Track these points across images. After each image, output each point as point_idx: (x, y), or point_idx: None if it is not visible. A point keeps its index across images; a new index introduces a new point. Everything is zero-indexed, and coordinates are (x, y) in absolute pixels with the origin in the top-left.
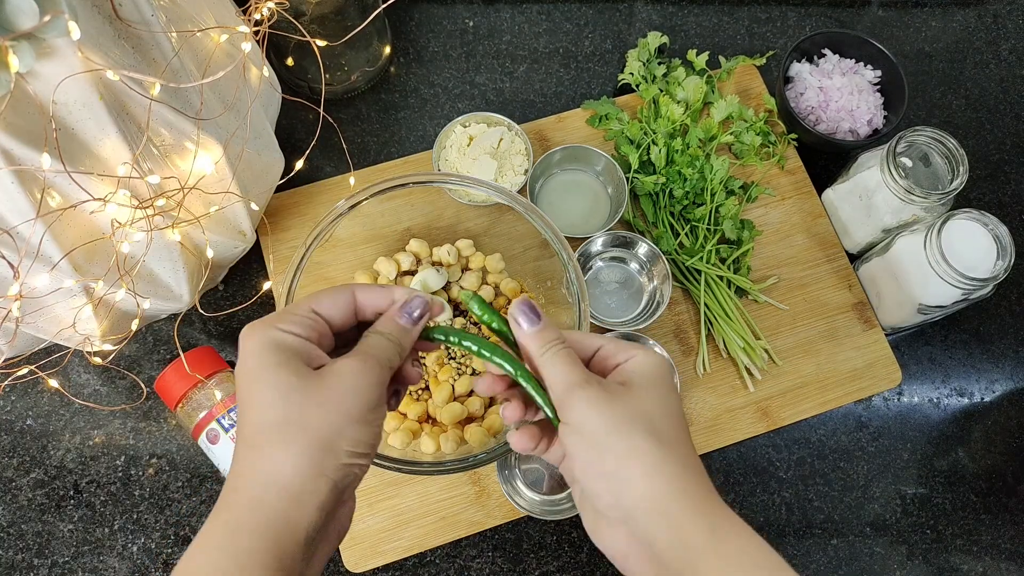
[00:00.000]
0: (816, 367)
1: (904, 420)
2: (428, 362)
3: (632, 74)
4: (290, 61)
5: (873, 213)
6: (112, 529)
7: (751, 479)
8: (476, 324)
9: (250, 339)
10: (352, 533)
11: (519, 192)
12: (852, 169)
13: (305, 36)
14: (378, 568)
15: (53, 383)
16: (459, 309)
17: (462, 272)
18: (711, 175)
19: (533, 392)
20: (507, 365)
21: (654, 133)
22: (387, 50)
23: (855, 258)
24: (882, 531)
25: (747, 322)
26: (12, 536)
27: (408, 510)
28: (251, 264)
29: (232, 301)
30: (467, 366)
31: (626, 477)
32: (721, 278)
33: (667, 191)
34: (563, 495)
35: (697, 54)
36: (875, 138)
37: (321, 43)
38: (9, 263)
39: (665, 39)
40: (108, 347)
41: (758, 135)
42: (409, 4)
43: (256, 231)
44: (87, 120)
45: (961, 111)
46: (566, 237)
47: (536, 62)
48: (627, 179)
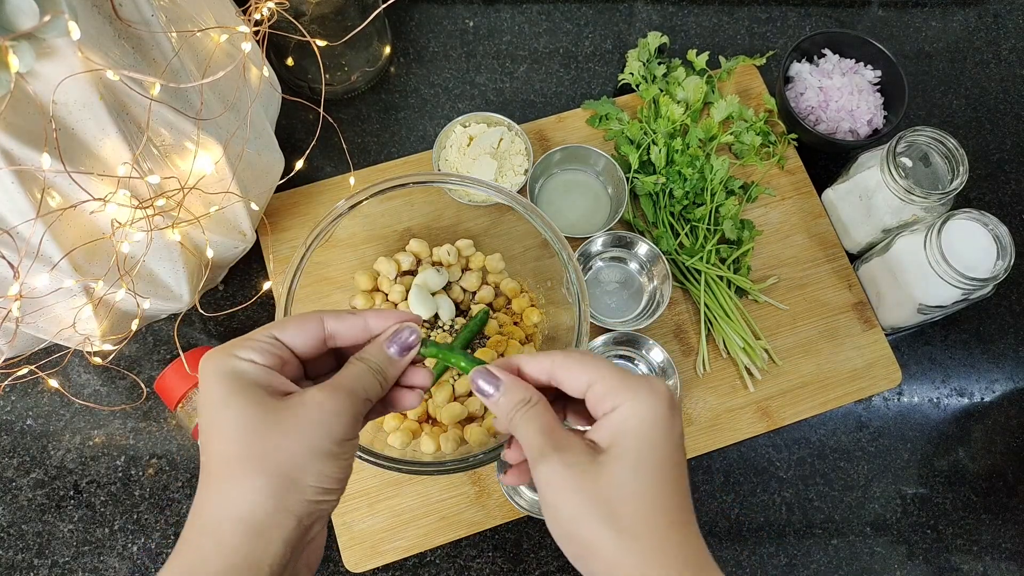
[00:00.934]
0: (816, 367)
1: (904, 420)
2: (427, 362)
3: (632, 74)
4: (290, 61)
5: (873, 213)
6: (112, 529)
7: (751, 479)
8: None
9: (208, 368)
10: (352, 533)
11: (519, 192)
12: (852, 169)
13: (305, 36)
14: (378, 568)
15: (53, 383)
16: (459, 308)
17: (462, 272)
18: (711, 175)
19: None
20: None
21: (654, 133)
22: (387, 50)
23: (855, 258)
24: (882, 531)
25: (747, 322)
26: (12, 536)
27: (408, 510)
28: (251, 264)
29: (232, 301)
30: None
31: (590, 568)
32: (721, 278)
33: (667, 191)
34: None
35: (697, 54)
36: (875, 138)
37: (321, 43)
38: (9, 263)
39: (665, 39)
40: (108, 347)
41: (758, 135)
42: (409, 4)
43: (256, 231)
44: (87, 120)
45: (961, 111)
46: (566, 237)
47: (536, 62)
48: (627, 179)
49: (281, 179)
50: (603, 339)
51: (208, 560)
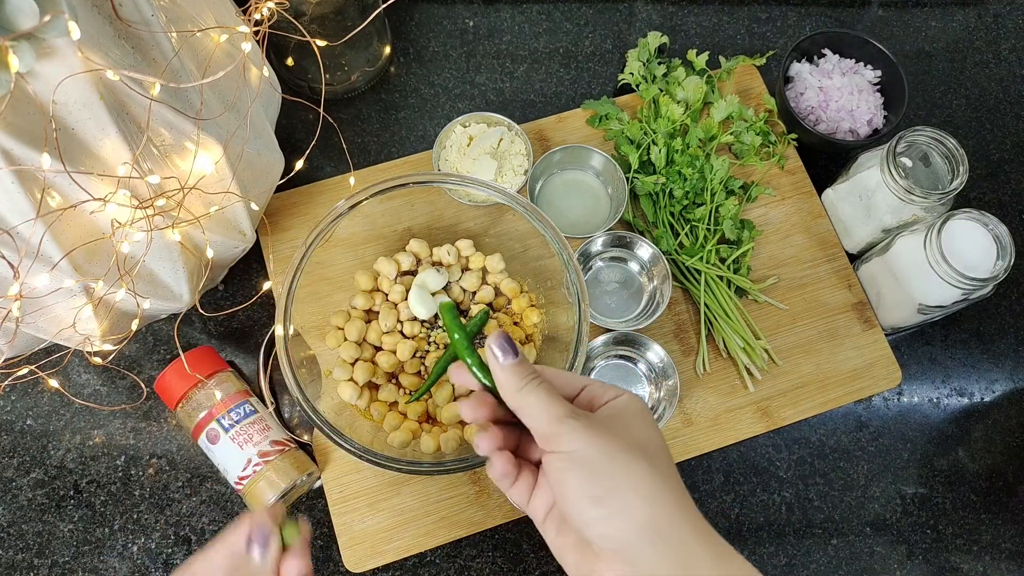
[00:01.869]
0: (816, 367)
1: (904, 420)
2: (428, 361)
3: (632, 74)
4: (290, 61)
5: (873, 213)
6: (112, 529)
7: (751, 479)
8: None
9: None
10: (352, 533)
11: (519, 192)
12: (852, 169)
13: (305, 36)
14: (378, 568)
15: (53, 383)
16: (459, 308)
17: (462, 272)
18: (711, 175)
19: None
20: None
21: (654, 133)
22: (387, 50)
23: (855, 258)
24: (882, 531)
25: (747, 322)
26: (12, 536)
27: (408, 510)
28: (251, 264)
29: (232, 301)
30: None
31: (623, 504)
32: (721, 278)
33: (667, 191)
34: None
35: (697, 54)
36: (875, 138)
37: (321, 43)
38: (9, 263)
39: (665, 39)
40: (108, 347)
41: (758, 135)
42: (409, 4)
43: (256, 231)
44: (87, 120)
45: (961, 111)
46: (566, 237)
47: (536, 62)
48: (627, 179)
49: (281, 179)
50: (603, 339)
51: None
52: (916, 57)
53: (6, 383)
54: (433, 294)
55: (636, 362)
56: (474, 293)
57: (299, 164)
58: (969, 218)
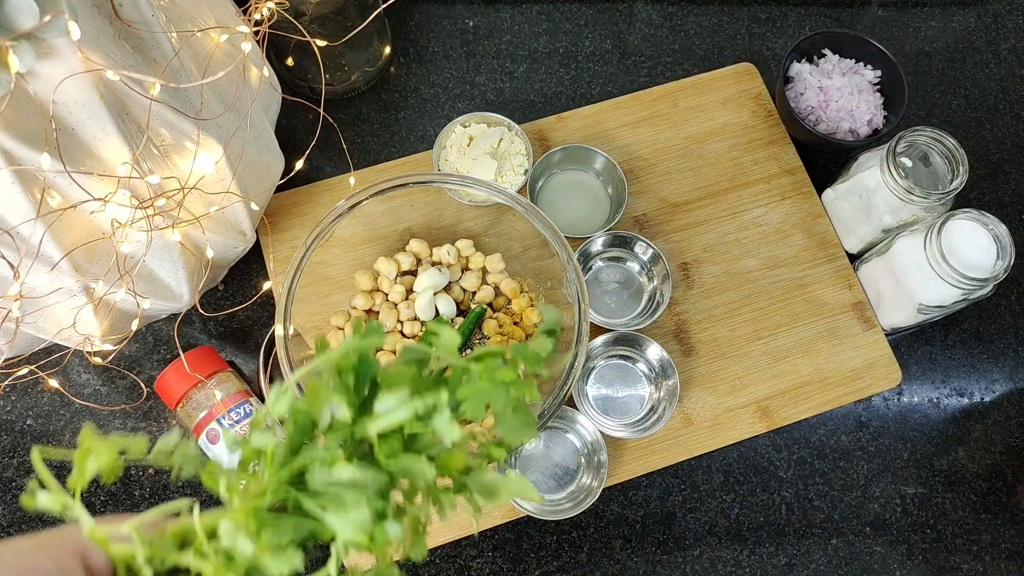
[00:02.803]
0: (816, 367)
1: (904, 420)
2: None
3: None
4: (290, 61)
5: (873, 213)
6: None
7: (751, 479)
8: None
9: None
10: None
11: (519, 192)
12: (852, 169)
13: (305, 36)
14: None
15: (53, 383)
16: (459, 308)
17: (462, 272)
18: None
19: None
20: None
21: None
22: (387, 50)
23: (855, 258)
24: (882, 531)
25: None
26: (12, 536)
27: None
28: (251, 264)
29: (232, 301)
30: None
31: None
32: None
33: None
34: (563, 495)
35: (698, 54)
36: (875, 138)
37: (321, 43)
38: (9, 263)
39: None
40: (108, 347)
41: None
42: (409, 4)
43: (256, 231)
44: (87, 120)
45: (961, 111)
46: (566, 237)
47: (536, 62)
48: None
49: (281, 179)
50: (603, 339)
51: None
52: (916, 57)
53: (6, 383)
54: (434, 293)
55: (636, 362)
56: (474, 293)
57: (299, 164)
58: (969, 218)
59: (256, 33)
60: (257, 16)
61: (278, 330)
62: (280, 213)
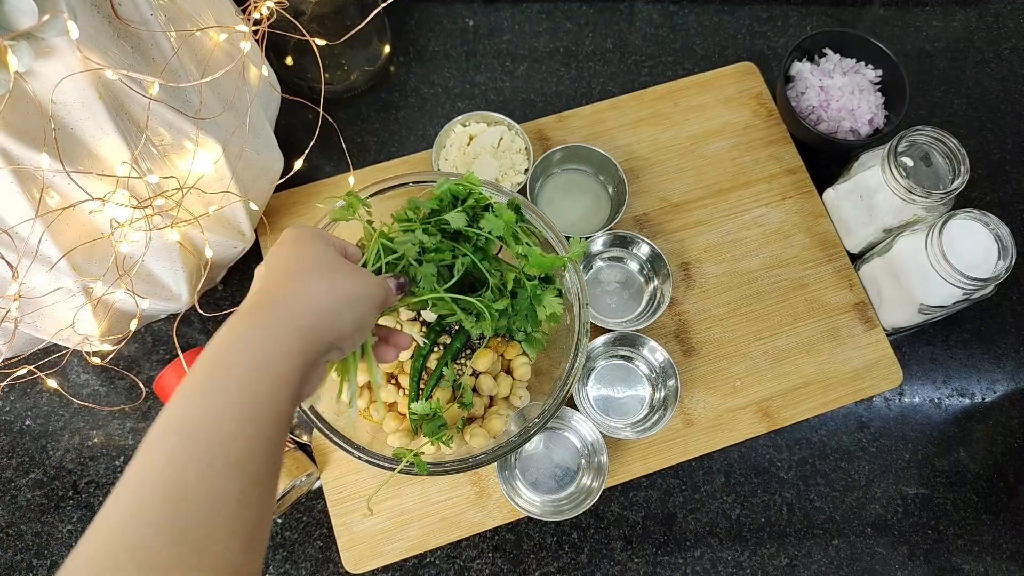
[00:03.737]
0: (817, 367)
1: (905, 420)
2: (429, 363)
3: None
4: (289, 60)
5: (874, 213)
6: None
7: (752, 479)
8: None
9: (304, 228)
10: (352, 534)
11: (519, 192)
12: (853, 169)
13: (304, 35)
14: (378, 569)
15: (52, 383)
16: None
17: None
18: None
19: None
20: None
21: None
22: (387, 49)
23: (856, 258)
24: (883, 531)
25: None
26: (11, 536)
27: (408, 511)
28: (250, 264)
29: (231, 301)
30: (467, 366)
31: None
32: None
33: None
34: (564, 495)
35: (699, 53)
36: (876, 137)
37: (320, 42)
38: (8, 263)
39: None
40: (107, 347)
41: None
42: (409, 3)
43: (255, 231)
44: (86, 120)
45: (962, 110)
46: (566, 237)
47: (536, 61)
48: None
49: (280, 179)
50: (603, 339)
51: (282, 323)
52: (917, 56)
53: (5, 383)
54: None
55: (636, 362)
56: None
57: (298, 164)
58: (970, 218)
59: (255, 32)
60: (256, 15)
61: None
62: (279, 213)
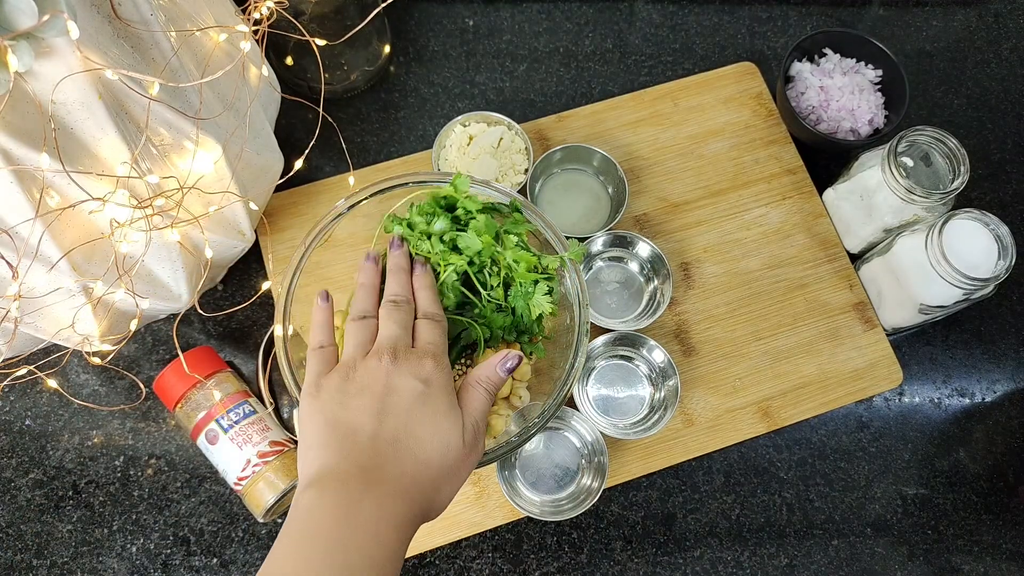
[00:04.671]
0: (817, 367)
1: (905, 420)
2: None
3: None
4: (289, 60)
5: (874, 213)
6: (111, 530)
7: (752, 480)
8: None
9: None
10: None
11: (519, 192)
12: (853, 169)
13: (304, 35)
14: None
15: (52, 383)
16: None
17: None
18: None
19: None
20: None
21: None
22: (387, 49)
23: (856, 258)
24: (883, 531)
25: None
26: (11, 537)
27: None
28: (250, 264)
29: (231, 301)
30: (467, 366)
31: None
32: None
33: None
34: (564, 495)
35: (698, 53)
36: (876, 138)
37: (320, 42)
38: (8, 263)
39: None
40: (107, 347)
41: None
42: (409, 3)
43: (255, 231)
44: (86, 120)
45: (962, 110)
46: (566, 237)
47: (536, 61)
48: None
49: (280, 179)
50: (603, 339)
51: (402, 493)
52: (917, 56)
53: (5, 383)
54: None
55: (636, 362)
56: None
57: (298, 164)
58: (970, 218)
59: (255, 32)
60: (256, 15)
61: (277, 330)
62: (279, 213)
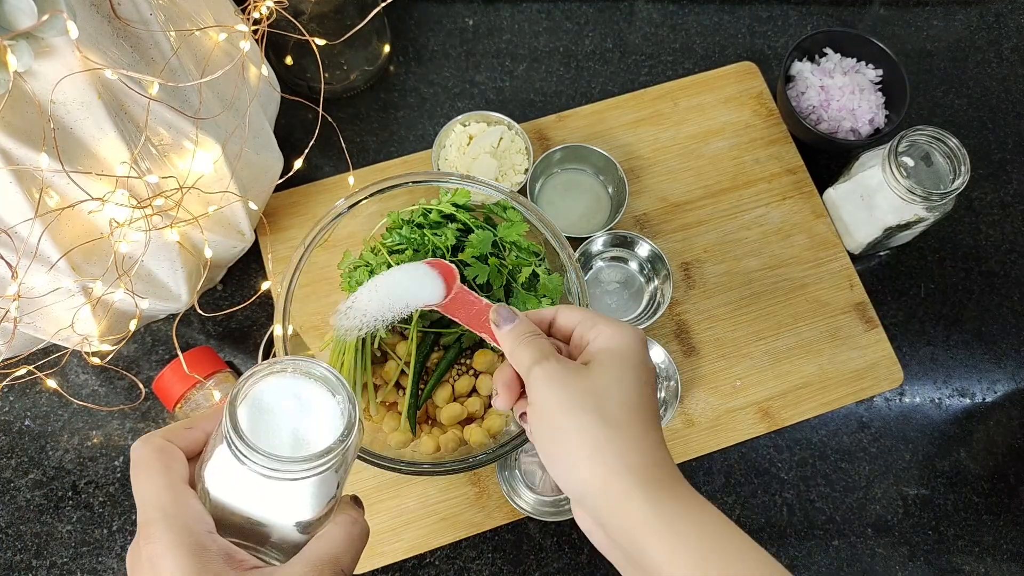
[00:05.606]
0: (817, 367)
1: (906, 421)
2: (428, 362)
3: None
4: (289, 60)
5: (874, 213)
6: (111, 530)
7: (752, 480)
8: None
9: (165, 540)
10: None
11: (519, 192)
12: (853, 168)
13: (304, 35)
14: (378, 569)
15: (51, 383)
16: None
17: None
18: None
19: None
20: None
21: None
22: (386, 49)
23: (856, 258)
24: (884, 532)
25: None
26: (11, 537)
27: (408, 511)
28: (250, 264)
29: (231, 301)
30: (467, 366)
31: (574, 458)
32: None
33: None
34: (563, 495)
35: (699, 52)
36: (877, 137)
37: (320, 42)
38: (7, 263)
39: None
40: (106, 347)
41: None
42: (408, 3)
43: (255, 231)
44: (85, 119)
45: (963, 110)
46: (566, 237)
47: (536, 61)
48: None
49: (280, 178)
50: None
51: None
52: (918, 56)
53: (4, 383)
54: None
55: None
56: None
57: (298, 163)
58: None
59: (255, 32)
60: (256, 15)
61: (277, 330)
62: (279, 213)
